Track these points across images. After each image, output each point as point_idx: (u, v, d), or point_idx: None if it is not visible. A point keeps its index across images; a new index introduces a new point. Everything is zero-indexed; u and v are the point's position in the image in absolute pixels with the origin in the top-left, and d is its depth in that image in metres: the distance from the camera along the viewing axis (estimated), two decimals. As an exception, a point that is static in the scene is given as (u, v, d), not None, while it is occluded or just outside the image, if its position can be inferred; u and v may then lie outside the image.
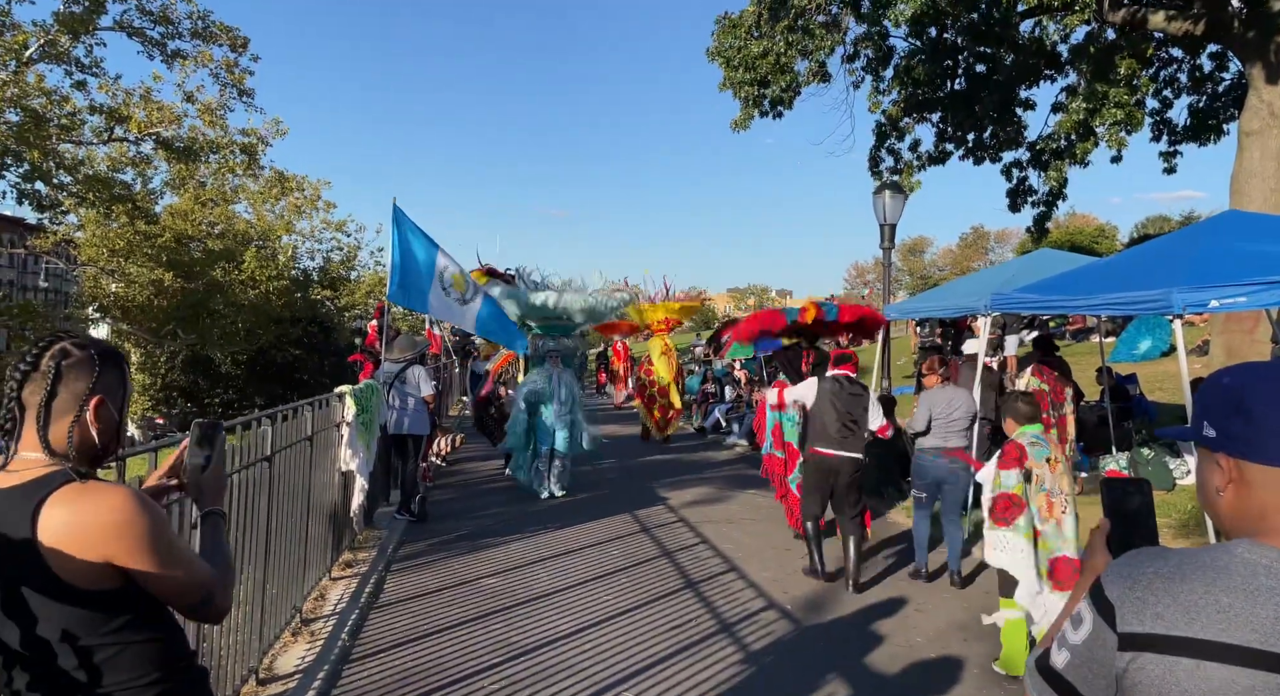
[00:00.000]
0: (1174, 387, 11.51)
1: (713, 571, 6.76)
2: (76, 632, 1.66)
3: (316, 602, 5.76)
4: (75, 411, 1.72)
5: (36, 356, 1.72)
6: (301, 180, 25.78)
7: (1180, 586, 1.12)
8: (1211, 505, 1.24)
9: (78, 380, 1.72)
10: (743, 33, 14.10)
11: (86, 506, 1.63)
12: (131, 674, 1.71)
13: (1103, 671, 1.17)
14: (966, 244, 70.12)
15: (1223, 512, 1.22)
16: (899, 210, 10.98)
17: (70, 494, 1.64)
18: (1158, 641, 1.11)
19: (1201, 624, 1.09)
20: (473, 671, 4.67)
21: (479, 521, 8.58)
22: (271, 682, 4.43)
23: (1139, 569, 1.18)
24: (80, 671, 1.67)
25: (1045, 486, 4.70)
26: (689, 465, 12.53)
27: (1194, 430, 1.26)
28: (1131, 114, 12.50)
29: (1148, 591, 1.14)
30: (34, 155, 15.00)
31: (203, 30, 17.90)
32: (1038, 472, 4.72)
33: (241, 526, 4.10)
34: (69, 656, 1.66)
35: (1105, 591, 1.18)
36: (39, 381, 1.70)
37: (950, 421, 6.46)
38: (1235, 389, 1.20)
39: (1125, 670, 1.13)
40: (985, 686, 4.63)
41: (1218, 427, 1.21)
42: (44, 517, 1.61)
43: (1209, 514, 1.27)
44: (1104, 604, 1.17)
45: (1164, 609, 1.12)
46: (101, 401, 1.75)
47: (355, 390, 6.68)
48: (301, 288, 25.25)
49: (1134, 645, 1.13)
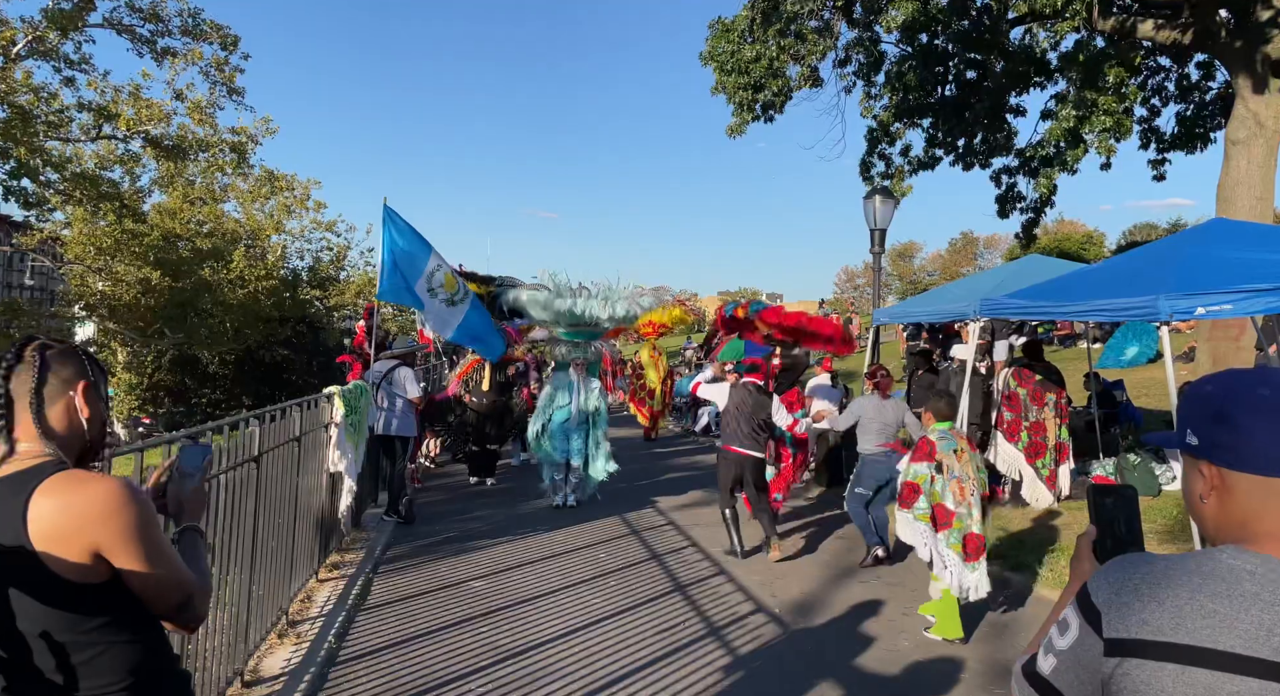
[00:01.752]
0: (1160, 394, 11.58)
1: (702, 574, 6.76)
2: (57, 630, 1.64)
3: (303, 604, 5.72)
4: (65, 396, 1.75)
5: (17, 352, 1.75)
6: (291, 179, 25.66)
7: (1166, 592, 1.13)
8: (1196, 511, 1.25)
9: (64, 366, 1.76)
10: (735, 37, 14.13)
11: (76, 493, 1.63)
12: (112, 677, 1.69)
13: (1089, 677, 1.17)
14: (956, 249, 70.37)
15: (1207, 519, 1.23)
16: (889, 215, 11.02)
17: (60, 482, 1.64)
18: (1143, 647, 1.11)
19: (1187, 629, 1.09)
20: (460, 674, 4.65)
21: (467, 524, 8.55)
22: (257, 685, 4.40)
23: (1125, 575, 1.18)
24: (58, 673, 1.65)
25: (955, 474, 5.40)
26: (679, 468, 12.53)
27: (1178, 437, 1.27)
28: (1120, 121, 12.59)
29: (1133, 597, 1.15)
30: (21, 152, 14.87)
31: (193, 28, 17.80)
32: (947, 463, 5.41)
33: (228, 527, 4.08)
34: (47, 656, 1.65)
35: (1092, 597, 1.19)
36: (25, 372, 1.72)
37: (885, 426, 7.07)
38: (1218, 397, 1.21)
39: (1111, 675, 1.14)
40: (971, 691, 4.64)
41: (1200, 435, 1.22)
42: (34, 506, 1.61)
43: (1194, 520, 1.28)
44: (1090, 609, 1.18)
45: (1150, 614, 1.12)
46: (89, 386, 1.78)
47: (344, 391, 6.65)
48: (290, 287, 25.09)
49: (1120, 651, 1.13)
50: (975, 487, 5.44)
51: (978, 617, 5.79)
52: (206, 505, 2.10)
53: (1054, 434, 8.33)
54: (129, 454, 3.10)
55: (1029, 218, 15.63)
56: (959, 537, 5.32)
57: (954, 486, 5.39)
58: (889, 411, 7.14)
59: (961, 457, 5.46)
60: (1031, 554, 6.98)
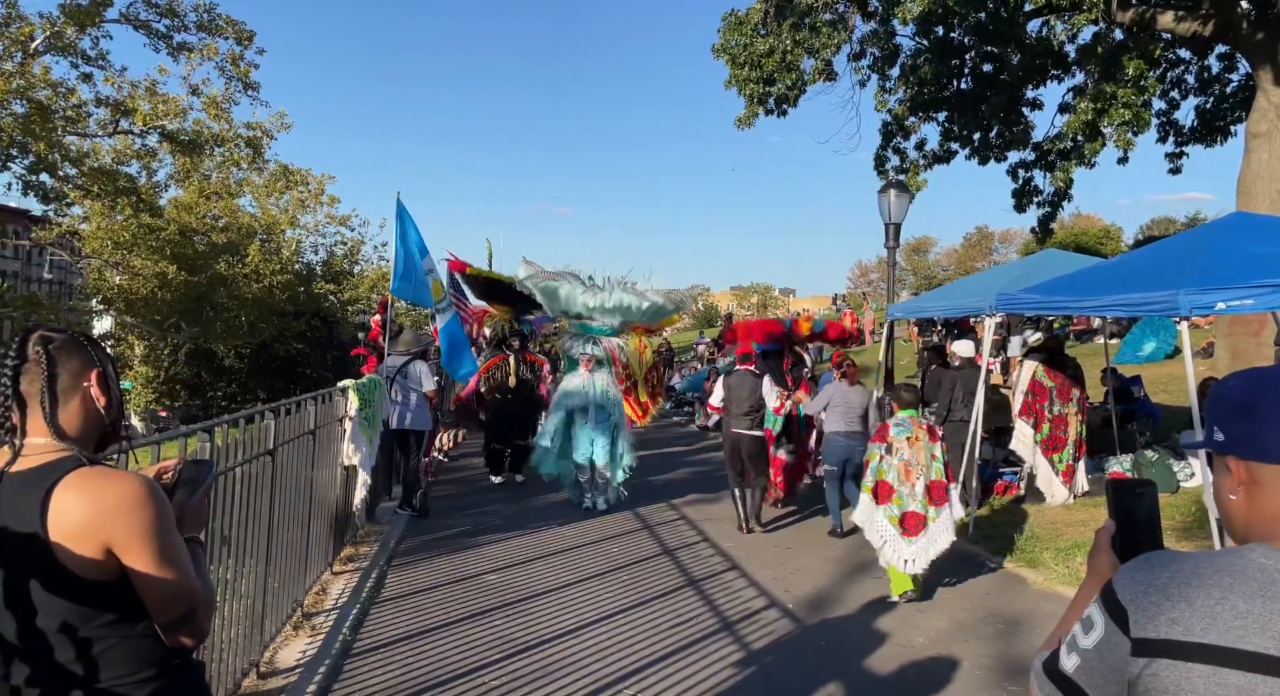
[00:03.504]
0: (1179, 390, 11.47)
1: (714, 569, 6.76)
2: (76, 624, 1.65)
3: (318, 597, 5.76)
4: (80, 389, 1.72)
5: (20, 348, 1.71)
6: (306, 174, 25.79)
7: (1196, 592, 1.11)
8: (1225, 510, 1.23)
9: (71, 358, 1.72)
10: (749, 30, 14.06)
11: (97, 489, 1.62)
12: (127, 668, 1.69)
13: (1114, 676, 1.15)
14: (971, 244, 69.91)
15: (1236, 517, 1.21)
16: (904, 209, 10.94)
17: (81, 478, 1.63)
18: (1173, 647, 1.09)
19: (1219, 630, 1.08)
20: (474, 667, 4.67)
21: (480, 517, 8.58)
22: (273, 676, 4.43)
23: (1153, 573, 1.16)
24: (77, 664, 1.66)
25: (904, 457, 6.02)
26: (691, 463, 12.53)
27: (1206, 438, 1.26)
28: (1139, 114, 12.44)
29: (1162, 596, 1.13)
30: (40, 147, 15.02)
31: (208, 23, 17.90)
32: (897, 446, 6.06)
33: (244, 520, 4.10)
34: (67, 648, 1.65)
35: (1118, 595, 1.17)
36: (33, 369, 1.69)
37: (849, 409, 7.69)
38: (1242, 391, 1.21)
39: (1139, 676, 1.12)
40: (986, 687, 4.62)
41: (1227, 431, 1.22)
42: (55, 503, 1.61)
43: (1224, 519, 1.26)
44: (1116, 608, 1.16)
45: (1179, 614, 1.10)
46: (101, 373, 1.76)
47: (358, 384, 6.68)
48: (305, 282, 25.23)
49: (1148, 651, 1.11)
50: (923, 473, 5.97)
51: (992, 614, 5.76)
52: (207, 520, 2.07)
53: (1075, 429, 8.30)
54: (146, 446, 3.11)
55: (1045, 212, 15.50)
56: (897, 512, 5.98)
57: (900, 467, 6.02)
58: (854, 397, 7.77)
59: (914, 444, 6.03)
60: (1046, 550, 6.93)
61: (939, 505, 5.97)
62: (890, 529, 5.97)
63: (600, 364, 9.43)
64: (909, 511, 5.95)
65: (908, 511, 5.95)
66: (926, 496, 5.96)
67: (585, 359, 9.27)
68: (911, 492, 5.97)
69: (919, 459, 5.99)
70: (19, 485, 1.64)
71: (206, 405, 22.76)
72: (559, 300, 9.43)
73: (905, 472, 6.00)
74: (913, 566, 5.89)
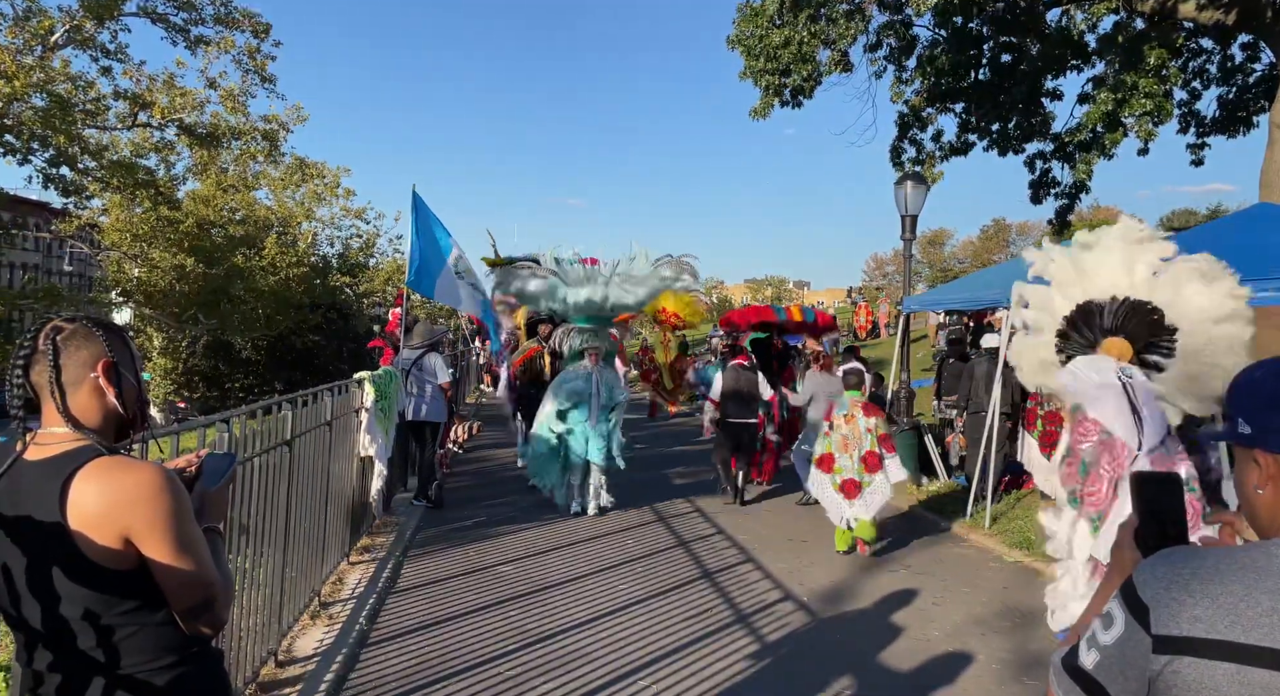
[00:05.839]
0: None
1: (729, 562, 6.76)
2: (97, 611, 1.66)
3: (335, 586, 5.80)
4: (88, 380, 1.72)
5: (32, 339, 1.72)
6: (321, 167, 25.90)
7: (1219, 588, 1.09)
8: (1250, 504, 1.21)
9: (79, 348, 1.72)
10: (764, 21, 13.96)
11: (115, 480, 1.63)
12: (147, 655, 1.71)
13: (1135, 673, 1.13)
14: (987, 236, 69.36)
15: (1262, 511, 1.19)
16: (920, 201, 10.86)
17: (99, 468, 1.64)
18: (1196, 645, 1.07)
19: (1243, 627, 1.06)
20: (489, 657, 4.69)
21: (495, 509, 8.61)
22: (290, 665, 4.47)
23: (1175, 569, 1.14)
24: (98, 651, 1.67)
25: (843, 432, 7.09)
26: (704, 455, 12.49)
27: (1229, 430, 1.24)
28: (1161, 105, 12.27)
29: (1184, 592, 1.11)
30: (60, 140, 15.14)
31: (225, 16, 17.96)
32: (836, 423, 7.16)
33: (262, 510, 4.13)
34: (89, 635, 1.67)
35: (1139, 591, 1.15)
36: (42, 361, 1.70)
37: (829, 397, 8.07)
38: (1268, 383, 1.18)
39: (1161, 673, 1.10)
40: (1003, 681, 4.60)
41: (1253, 423, 1.19)
42: (73, 492, 1.61)
43: (1247, 514, 1.24)
44: (1137, 604, 1.14)
45: (1202, 611, 1.08)
46: (109, 363, 1.74)
47: (374, 376, 6.71)
48: (321, 274, 25.37)
49: (1171, 648, 1.09)
50: (859, 445, 6.99)
51: (1009, 608, 5.73)
52: (227, 511, 2.07)
53: None
54: (166, 436, 3.14)
55: (1063, 203, 15.34)
56: (839, 480, 7.00)
57: (839, 440, 7.08)
58: (834, 385, 8.28)
59: (850, 421, 7.08)
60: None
61: (872, 472, 6.94)
62: (833, 495, 7.02)
63: (606, 357, 8.92)
64: (848, 478, 6.97)
65: (847, 479, 6.97)
66: (862, 465, 6.95)
67: (592, 352, 8.67)
68: (850, 462, 6.99)
69: (855, 433, 7.04)
70: (38, 474, 1.65)
71: (224, 396, 22.95)
72: (539, 301, 8.93)
73: (844, 445, 7.05)
74: (853, 523, 6.92)
